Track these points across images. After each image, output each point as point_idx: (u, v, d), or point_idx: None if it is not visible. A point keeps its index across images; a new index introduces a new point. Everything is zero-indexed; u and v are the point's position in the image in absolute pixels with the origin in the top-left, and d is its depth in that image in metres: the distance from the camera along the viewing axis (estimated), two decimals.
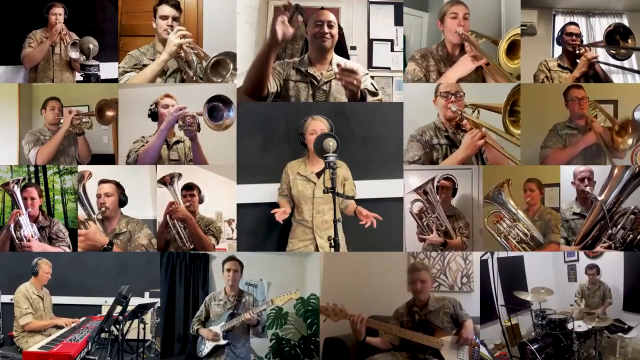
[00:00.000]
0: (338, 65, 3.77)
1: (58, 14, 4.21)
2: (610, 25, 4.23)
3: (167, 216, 3.91)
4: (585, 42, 4.30)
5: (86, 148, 4.18)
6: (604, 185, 3.99)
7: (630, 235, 3.93)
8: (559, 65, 4.26)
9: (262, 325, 3.92)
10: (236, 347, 3.89)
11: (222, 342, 3.86)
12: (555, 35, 4.40)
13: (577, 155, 4.11)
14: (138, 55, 4.01)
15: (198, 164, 3.99)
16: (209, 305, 4.02)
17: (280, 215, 3.66)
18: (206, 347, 3.90)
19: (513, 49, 4.07)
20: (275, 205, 3.83)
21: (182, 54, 3.91)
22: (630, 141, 4.08)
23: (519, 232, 4.05)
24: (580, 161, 4.13)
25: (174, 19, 3.98)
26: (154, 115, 3.97)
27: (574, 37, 4.25)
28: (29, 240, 3.87)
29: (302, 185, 3.79)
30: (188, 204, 4.00)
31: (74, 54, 4.17)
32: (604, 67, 4.24)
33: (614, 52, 4.19)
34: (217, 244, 4.02)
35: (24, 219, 3.88)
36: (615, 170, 3.96)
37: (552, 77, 4.22)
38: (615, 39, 4.18)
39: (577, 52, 4.24)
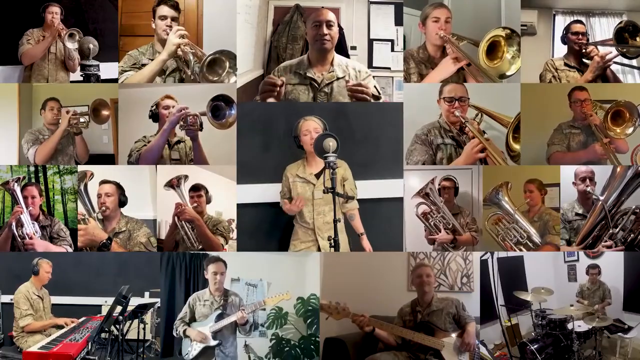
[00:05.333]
0: (347, 82, 3.80)
1: (55, 12, 4.20)
2: (620, 22, 4.19)
3: (176, 218, 3.92)
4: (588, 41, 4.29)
5: (84, 147, 4.19)
6: (606, 185, 3.98)
7: (631, 235, 3.92)
8: (565, 64, 4.25)
9: (249, 324, 3.89)
10: (225, 347, 3.85)
11: (213, 343, 3.83)
12: (560, 34, 4.37)
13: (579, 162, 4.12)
14: (137, 55, 4.01)
15: (198, 164, 4.00)
16: (194, 306, 3.95)
17: (292, 206, 3.73)
18: (194, 349, 3.84)
19: (493, 50, 4.05)
20: (276, 205, 3.85)
21: (181, 54, 3.92)
22: (629, 130, 4.04)
23: (516, 233, 4.05)
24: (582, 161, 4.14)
25: (173, 19, 3.98)
26: (155, 117, 3.99)
27: (580, 35, 4.23)
28: (31, 238, 3.86)
29: (301, 187, 3.78)
30: (195, 204, 4.01)
31: (71, 45, 4.16)
32: (613, 67, 4.22)
33: (624, 50, 4.15)
34: (227, 243, 4.02)
35: (26, 217, 3.87)
36: (618, 170, 3.95)
37: (559, 77, 4.21)
38: (624, 37, 4.15)
39: (584, 50, 4.22)
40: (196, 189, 4.04)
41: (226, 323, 3.83)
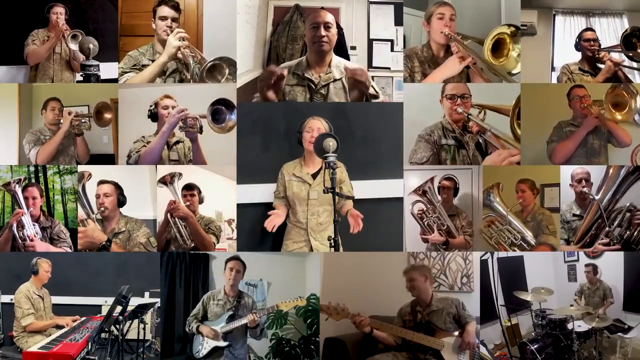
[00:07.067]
0: (346, 68, 3.76)
1: (59, 13, 4.23)
2: (626, 30, 4.26)
3: (168, 214, 3.92)
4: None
5: (84, 148, 4.20)
6: (600, 184, 4.04)
7: (627, 232, 3.98)
8: (579, 69, 4.30)
9: (260, 328, 3.91)
10: (235, 349, 3.87)
11: (223, 343, 3.84)
12: (559, 35, 4.46)
13: (581, 141, 4.12)
14: (137, 55, 4.02)
15: (197, 165, 4.00)
16: (207, 304, 3.99)
17: (270, 221, 3.64)
18: (204, 348, 3.87)
19: (498, 48, 4.05)
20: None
21: (181, 57, 3.92)
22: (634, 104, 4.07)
23: (509, 235, 4.05)
24: (581, 160, 4.14)
25: (173, 19, 3.99)
26: (154, 116, 3.99)
27: (592, 42, 4.30)
28: (32, 240, 3.87)
29: (297, 187, 3.77)
30: (188, 203, 4.01)
31: (73, 46, 4.18)
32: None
33: (631, 54, 4.22)
34: (218, 242, 4.03)
35: (26, 219, 3.88)
36: (611, 170, 4.01)
37: (574, 80, 4.27)
38: (632, 42, 4.20)
39: (597, 56, 4.28)
40: (189, 187, 4.04)
41: (237, 325, 3.84)
